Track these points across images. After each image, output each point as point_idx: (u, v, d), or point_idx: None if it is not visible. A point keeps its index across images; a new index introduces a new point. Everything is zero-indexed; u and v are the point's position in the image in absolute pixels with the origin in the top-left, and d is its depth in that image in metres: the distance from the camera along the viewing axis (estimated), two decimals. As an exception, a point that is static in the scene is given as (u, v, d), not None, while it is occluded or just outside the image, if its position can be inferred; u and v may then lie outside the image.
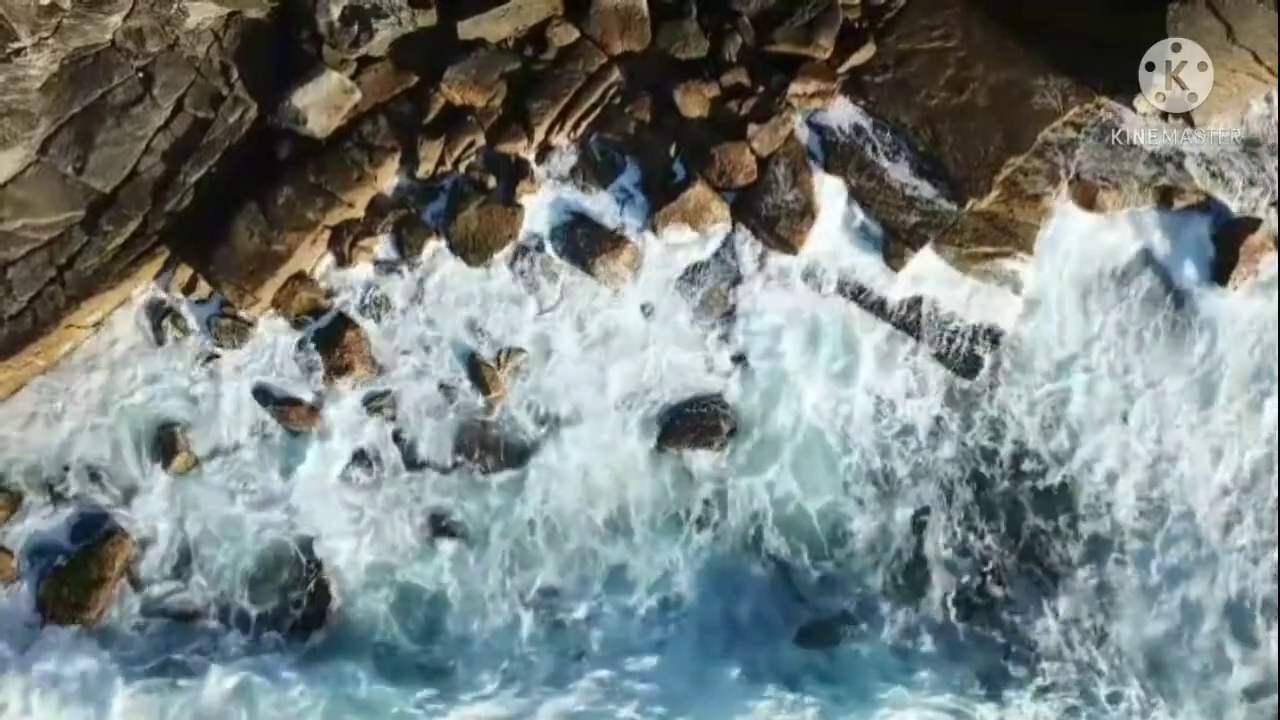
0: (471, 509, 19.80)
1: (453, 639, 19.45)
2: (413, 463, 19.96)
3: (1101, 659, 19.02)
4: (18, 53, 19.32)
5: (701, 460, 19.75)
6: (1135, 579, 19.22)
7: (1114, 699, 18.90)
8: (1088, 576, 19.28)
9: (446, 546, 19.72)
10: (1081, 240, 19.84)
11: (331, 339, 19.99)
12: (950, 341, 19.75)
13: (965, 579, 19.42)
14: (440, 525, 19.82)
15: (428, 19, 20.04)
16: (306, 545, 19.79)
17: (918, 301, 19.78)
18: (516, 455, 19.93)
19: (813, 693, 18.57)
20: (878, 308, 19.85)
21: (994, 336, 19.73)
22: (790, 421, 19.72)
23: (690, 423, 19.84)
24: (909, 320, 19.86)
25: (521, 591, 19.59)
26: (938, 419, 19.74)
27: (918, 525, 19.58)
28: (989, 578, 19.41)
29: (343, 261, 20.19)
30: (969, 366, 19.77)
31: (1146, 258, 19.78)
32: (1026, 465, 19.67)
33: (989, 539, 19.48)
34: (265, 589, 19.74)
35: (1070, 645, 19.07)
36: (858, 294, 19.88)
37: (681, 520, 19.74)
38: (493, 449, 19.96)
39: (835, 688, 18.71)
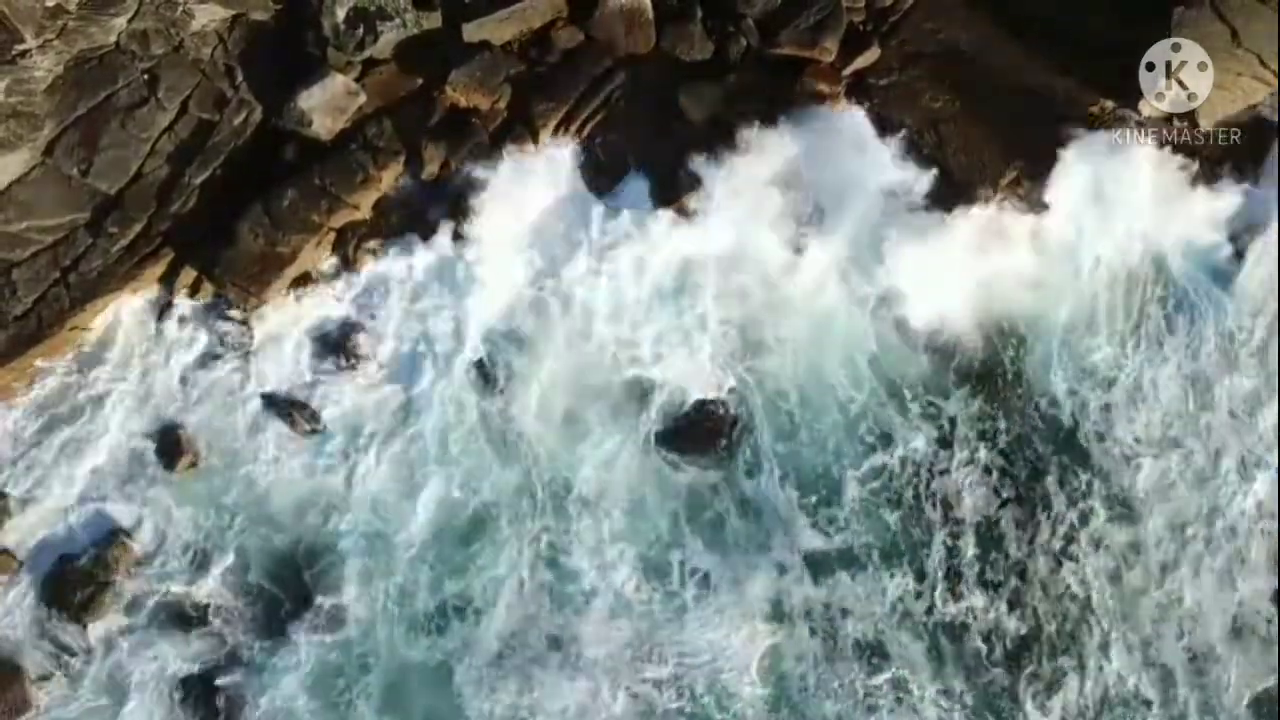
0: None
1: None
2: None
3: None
4: (23, 55, 19.32)
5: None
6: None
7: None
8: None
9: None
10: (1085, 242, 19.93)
11: (335, 340, 19.98)
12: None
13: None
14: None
15: (432, 21, 20.06)
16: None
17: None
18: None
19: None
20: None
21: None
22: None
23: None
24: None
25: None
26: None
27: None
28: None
29: (347, 263, 20.18)
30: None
31: (1151, 258, 19.86)
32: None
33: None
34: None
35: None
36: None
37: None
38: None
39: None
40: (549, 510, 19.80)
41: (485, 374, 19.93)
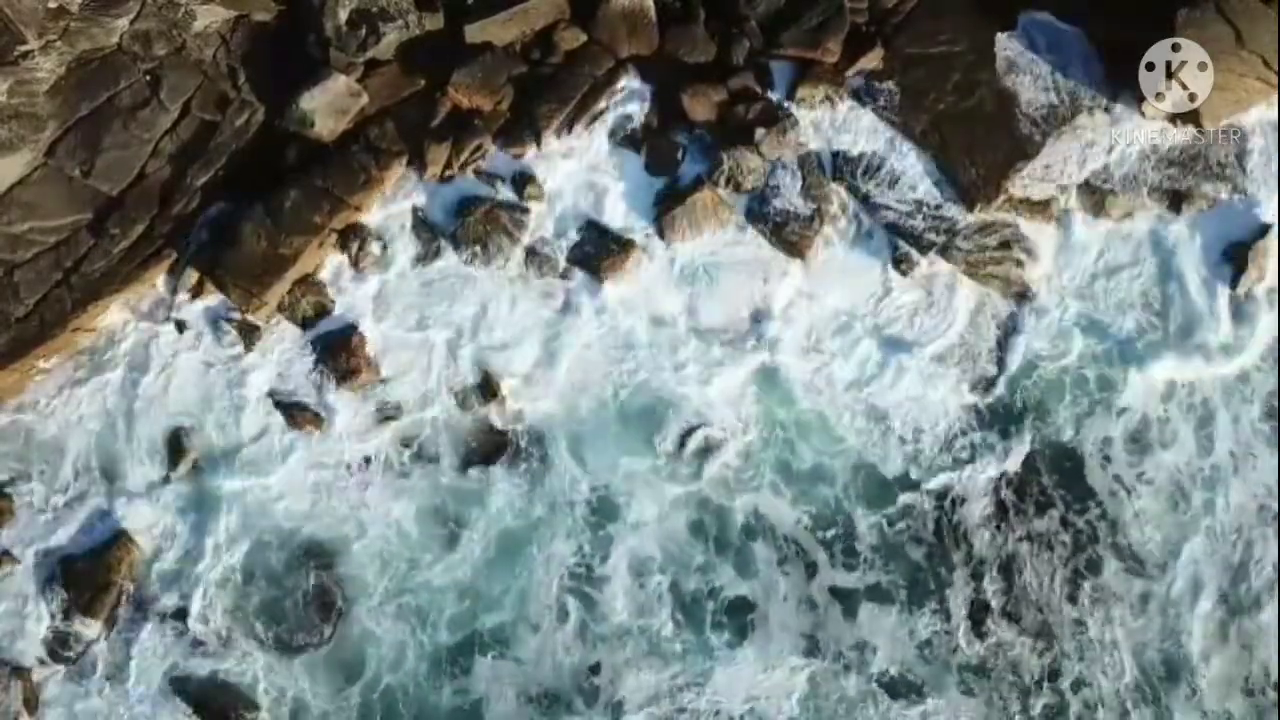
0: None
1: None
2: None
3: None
4: (25, 56, 19.37)
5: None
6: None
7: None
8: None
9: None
10: (1089, 245, 19.87)
11: (337, 343, 19.97)
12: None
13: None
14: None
15: (435, 22, 20.06)
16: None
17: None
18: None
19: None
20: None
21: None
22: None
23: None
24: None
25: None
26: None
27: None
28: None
29: (349, 264, 20.17)
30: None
31: (1155, 262, 19.79)
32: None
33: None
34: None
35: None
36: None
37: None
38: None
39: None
40: (575, 533, 19.78)
41: (488, 384, 19.95)
